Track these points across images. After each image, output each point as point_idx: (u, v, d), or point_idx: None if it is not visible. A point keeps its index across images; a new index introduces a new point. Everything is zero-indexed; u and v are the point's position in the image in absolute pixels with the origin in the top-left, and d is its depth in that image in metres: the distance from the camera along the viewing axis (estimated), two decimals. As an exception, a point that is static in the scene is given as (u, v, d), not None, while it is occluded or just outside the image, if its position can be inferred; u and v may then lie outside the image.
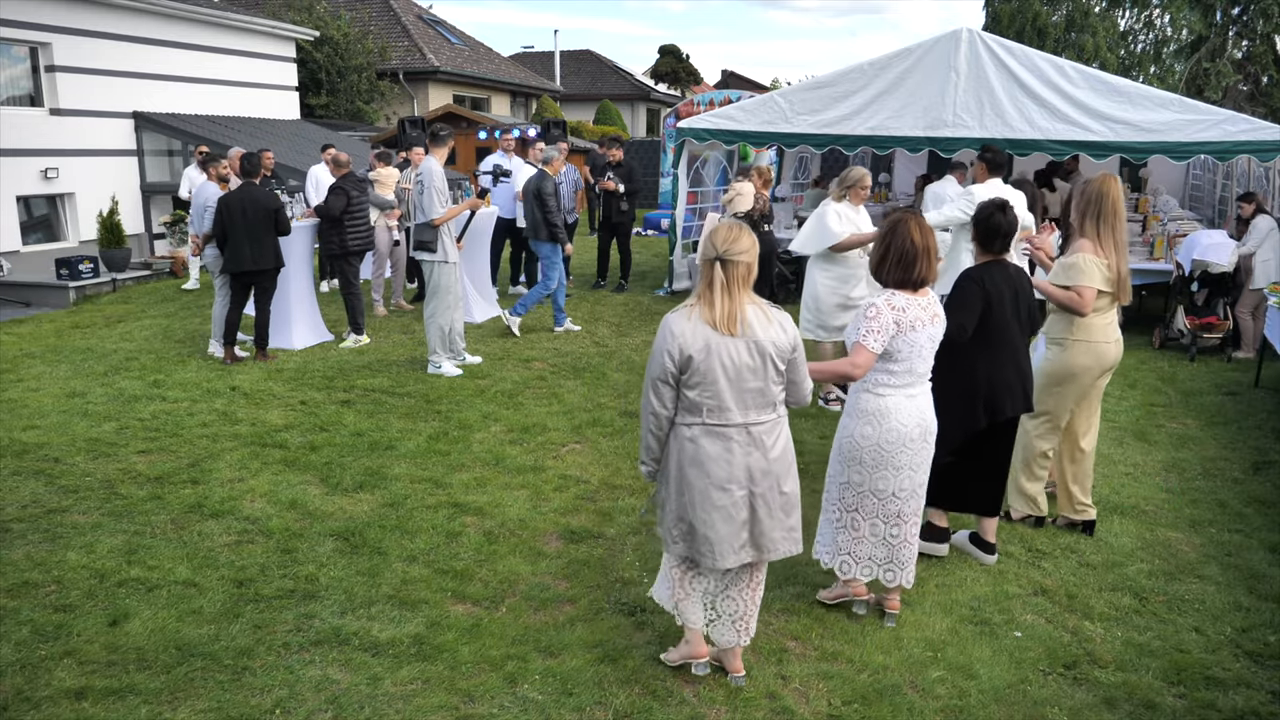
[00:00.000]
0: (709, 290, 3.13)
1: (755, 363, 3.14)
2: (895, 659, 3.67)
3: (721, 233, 3.16)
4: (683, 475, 3.24)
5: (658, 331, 3.17)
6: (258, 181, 7.87)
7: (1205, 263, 8.49)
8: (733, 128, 10.46)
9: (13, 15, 12.09)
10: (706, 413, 3.16)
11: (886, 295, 3.65)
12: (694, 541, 3.27)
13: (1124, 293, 4.52)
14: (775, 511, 3.28)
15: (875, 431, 3.71)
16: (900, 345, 3.62)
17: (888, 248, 3.65)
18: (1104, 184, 4.49)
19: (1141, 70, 28.74)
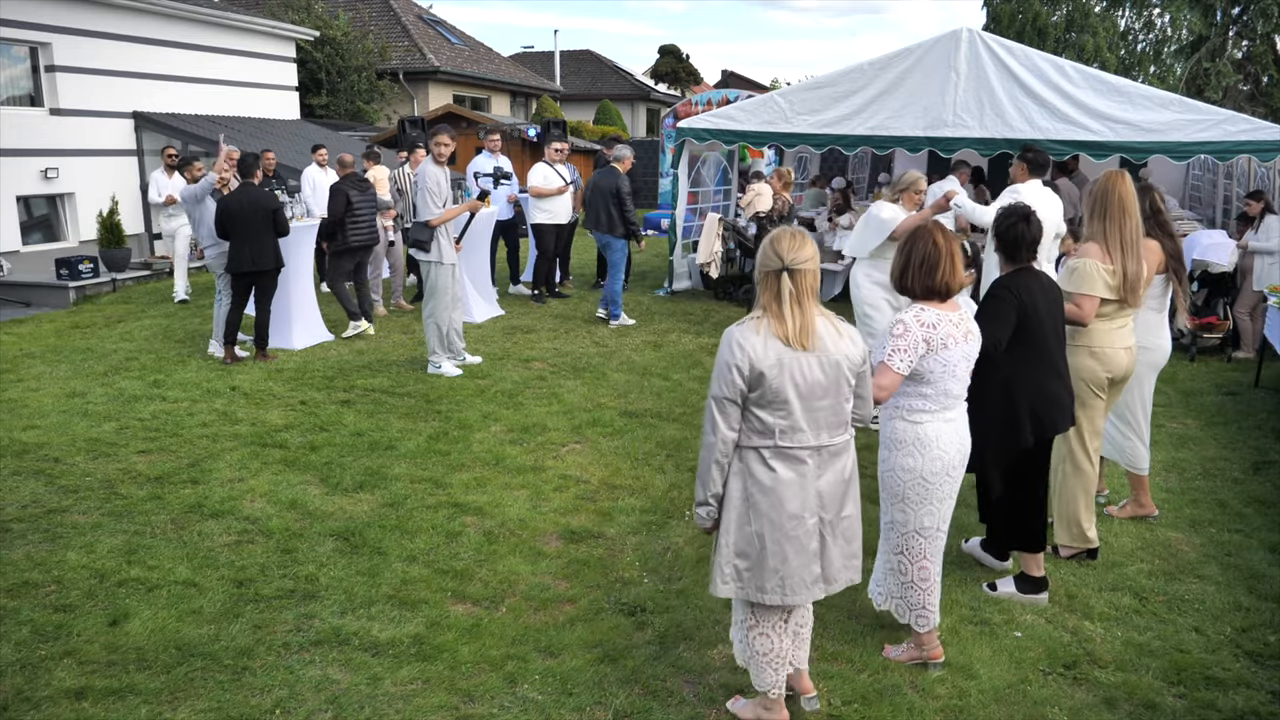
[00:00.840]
0: (777, 303, 2.89)
1: (828, 379, 2.91)
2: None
3: (785, 240, 2.91)
4: (750, 504, 2.96)
5: (721, 346, 2.92)
6: (256, 182, 7.88)
7: (1205, 263, 8.49)
8: (732, 128, 10.47)
9: (13, 15, 12.09)
10: (779, 434, 2.91)
11: (915, 311, 3.37)
12: (760, 578, 2.98)
13: (1133, 297, 4.21)
14: (839, 538, 3.05)
15: (918, 463, 3.43)
16: (932, 365, 3.35)
17: (909, 254, 3.39)
18: (1110, 181, 4.24)
19: (1141, 70, 28.75)
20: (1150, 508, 5.05)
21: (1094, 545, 4.48)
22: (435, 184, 7.38)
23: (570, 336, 9.15)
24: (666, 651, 3.70)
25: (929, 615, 3.58)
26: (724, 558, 3.00)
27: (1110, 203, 4.22)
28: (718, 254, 11.23)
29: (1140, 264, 4.24)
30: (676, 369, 7.98)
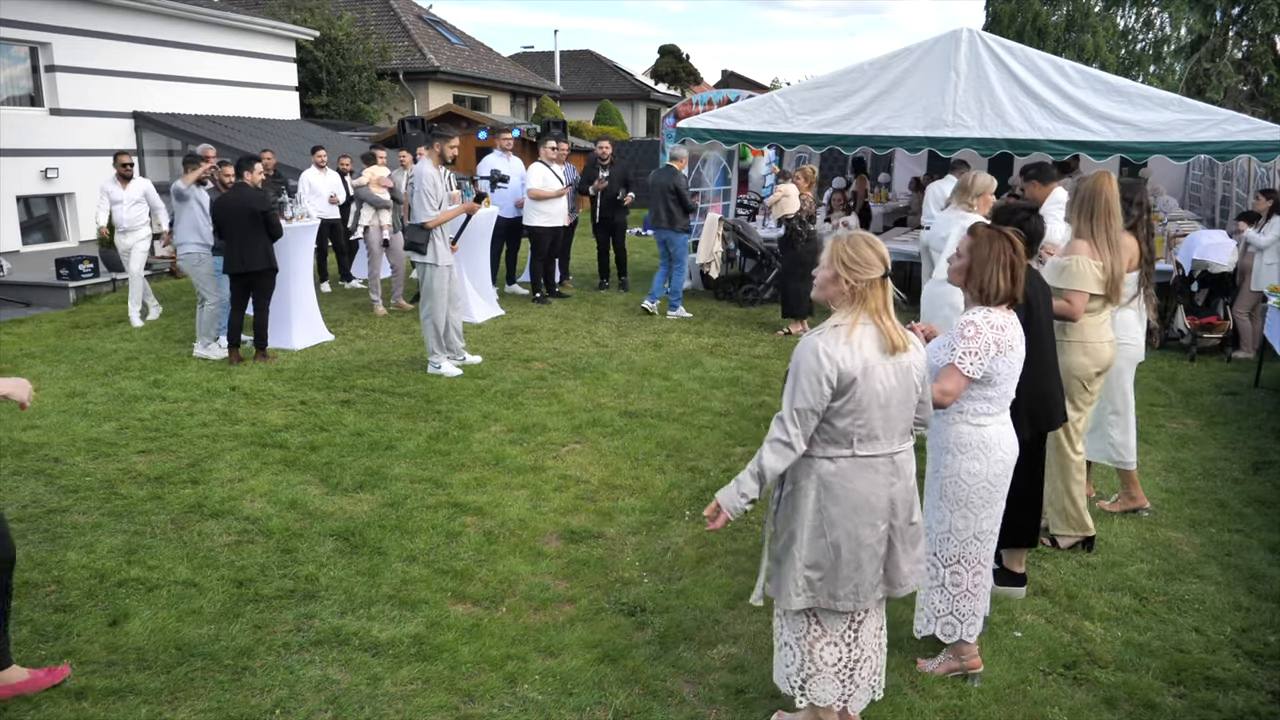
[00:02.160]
0: (885, 309, 2.83)
1: (902, 386, 2.87)
2: (895, 659, 3.67)
3: (880, 246, 2.84)
4: (824, 515, 2.90)
5: (800, 357, 2.82)
6: (251, 183, 7.87)
7: (1205, 263, 8.49)
8: (732, 128, 10.47)
9: (13, 15, 12.10)
10: (857, 443, 2.86)
11: (983, 312, 3.31)
12: (834, 586, 2.92)
13: (1116, 294, 4.37)
14: (907, 544, 3.00)
15: (983, 466, 3.38)
16: (999, 368, 3.30)
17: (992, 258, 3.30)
18: (1097, 182, 4.36)
19: (1141, 70, 28.74)
20: (1142, 500, 5.12)
21: (1092, 533, 4.59)
22: (432, 185, 7.37)
23: (570, 336, 9.15)
24: (666, 651, 3.70)
25: (978, 622, 3.53)
26: (796, 570, 2.93)
27: (1098, 203, 4.34)
28: (718, 254, 11.23)
29: (1123, 262, 4.38)
30: (676, 369, 7.98)
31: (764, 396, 7.17)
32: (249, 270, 7.76)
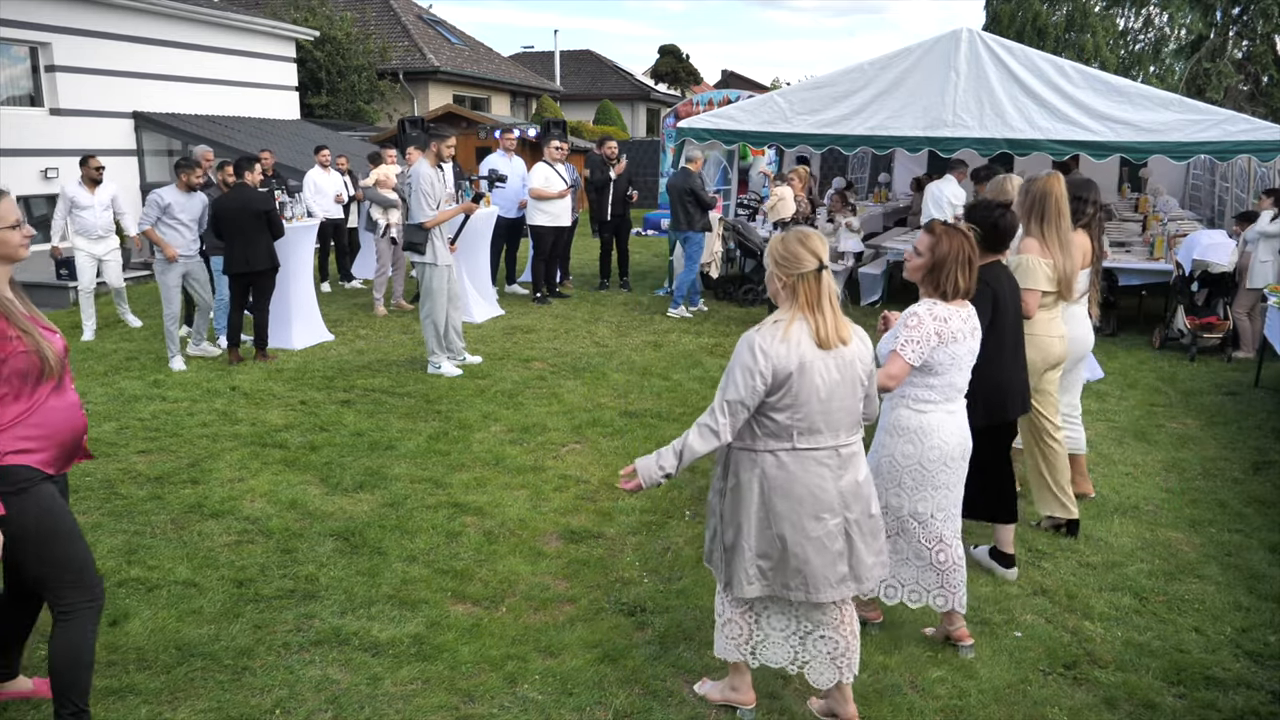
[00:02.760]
0: (818, 302, 2.89)
1: (845, 380, 2.93)
2: (895, 659, 3.67)
3: (815, 240, 2.90)
4: (768, 506, 2.97)
5: (738, 351, 2.89)
6: (251, 183, 7.86)
7: (1205, 263, 8.49)
8: (733, 128, 10.47)
9: (13, 15, 12.10)
10: (796, 436, 2.92)
11: (928, 304, 3.46)
12: (784, 575, 3.01)
13: (1067, 290, 4.48)
14: (868, 537, 3.07)
15: (917, 450, 3.53)
16: (942, 358, 3.44)
17: (946, 253, 3.43)
18: (1047, 183, 4.47)
19: (1141, 70, 28.75)
20: (1089, 488, 5.29)
21: (1075, 516, 4.76)
22: (430, 185, 7.37)
23: (570, 336, 9.15)
24: (666, 651, 3.70)
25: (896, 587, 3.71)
26: (747, 560, 3.01)
27: (1049, 204, 4.46)
28: (718, 254, 11.24)
29: (1073, 259, 4.51)
30: (676, 369, 7.98)
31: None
32: (253, 270, 7.76)
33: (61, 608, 2.95)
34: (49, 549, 2.90)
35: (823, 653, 3.17)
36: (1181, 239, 9.16)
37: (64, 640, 2.95)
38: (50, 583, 2.94)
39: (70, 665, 2.96)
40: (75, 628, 2.96)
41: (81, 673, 2.99)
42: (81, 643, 2.97)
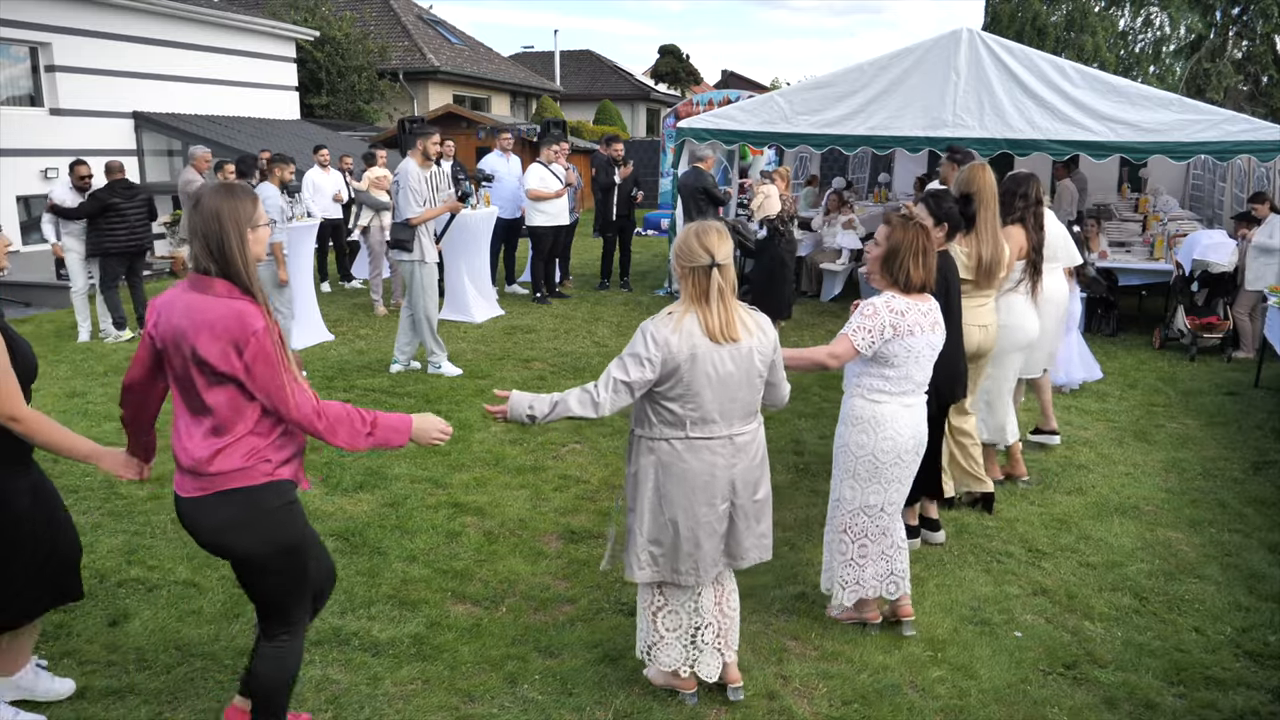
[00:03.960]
0: (705, 297, 2.94)
1: (740, 371, 2.98)
2: (895, 659, 3.67)
3: (713, 235, 2.98)
4: (662, 493, 3.04)
5: (635, 338, 2.96)
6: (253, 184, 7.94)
7: (1205, 263, 8.49)
8: (733, 128, 10.47)
9: (13, 15, 12.10)
10: (690, 425, 2.98)
11: (885, 297, 3.53)
12: (675, 561, 3.09)
13: (986, 279, 4.54)
14: (750, 520, 3.15)
15: (870, 440, 3.58)
16: (897, 350, 3.49)
17: (899, 245, 3.51)
18: (972, 173, 4.61)
19: (1141, 70, 28.74)
20: (1022, 470, 5.47)
21: (989, 489, 4.98)
22: (416, 182, 7.40)
23: (570, 336, 9.15)
24: (666, 651, 3.69)
25: (860, 590, 3.75)
26: (639, 545, 3.09)
27: (970, 193, 4.54)
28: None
29: (997, 249, 4.57)
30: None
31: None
32: None
33: (282, 630, 2.84)
34: (301, 560, 2.81)
35: (708, 645, 3.28)
36: (1181, 239, 9.16)
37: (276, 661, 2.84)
38: (285, 604, 2.83)
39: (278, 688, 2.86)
40: (291, 646, 2.85)
41: (284, 694, 2.89)
42: (292, 664, 2.88)
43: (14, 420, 2.85)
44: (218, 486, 2.61)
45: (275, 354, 2.56)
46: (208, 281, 2.59)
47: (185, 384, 2.61)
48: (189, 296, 2.60)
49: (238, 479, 2.62)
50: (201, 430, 2.62)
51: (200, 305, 2.56)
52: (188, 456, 2.63)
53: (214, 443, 2.60)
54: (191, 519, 2.68)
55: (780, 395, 3.20)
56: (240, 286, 2.60)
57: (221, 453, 2.60)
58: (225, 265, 2.59)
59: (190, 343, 2.54)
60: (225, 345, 2.52)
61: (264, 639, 2.86)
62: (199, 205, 2.60)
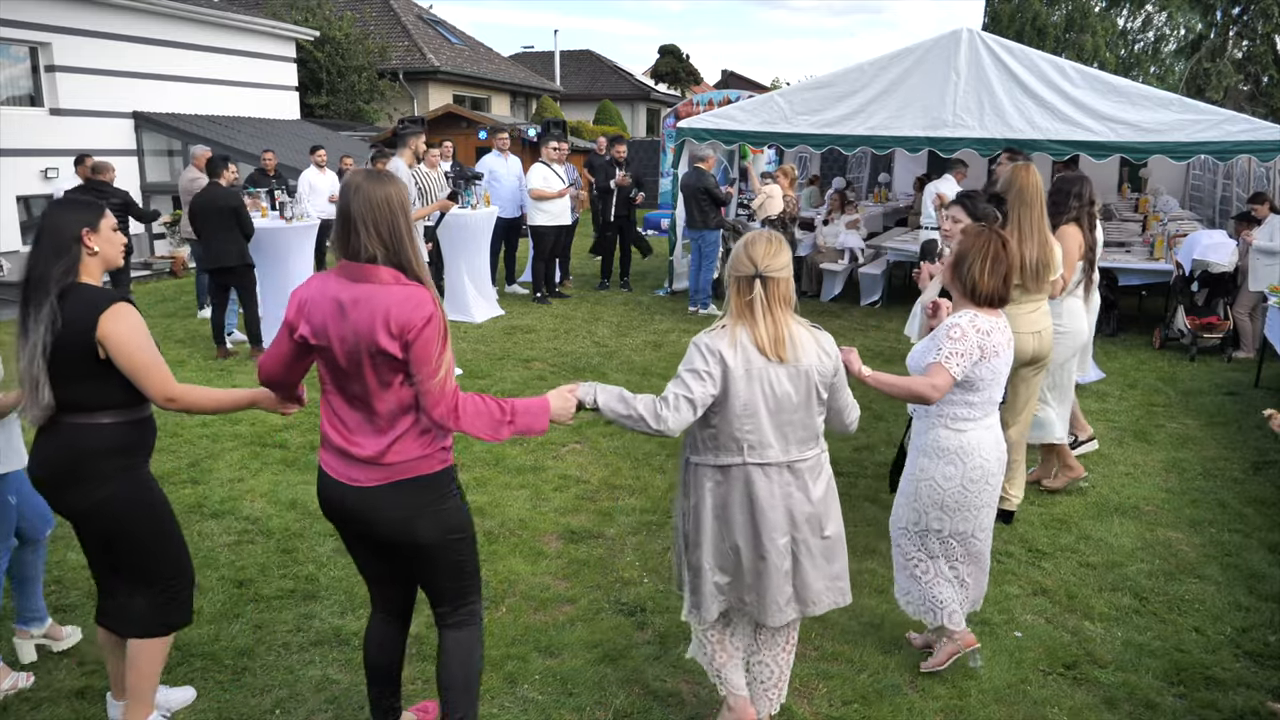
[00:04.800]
0: (749, 311, 2.77)
1: (798, 391, 2.77)
2: (895, 659, 3.67)
3: (760, 245, 2.78)
4: (723, 520, 2.86)
5: (688, 352, 2.83)
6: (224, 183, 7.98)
7: (1205, 263, 8.49)
8: (733, 128, 10.47)
9: (13, 15, 12.10)
10: (747, 449, 2.79)
11: (969, 316, 3.31)
12: (739, 590, 2.90)
13: (1034, 283, 4.40)
14: (818, 559, 2.89)
15: (959, 471, 3.36)
16: (984, 373, 3.29)
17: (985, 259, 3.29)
18: (1015, 173, 4.50)
19: (1141, 70, 28.76)
20: (1078, 469, 5.34)
21: (1009, 509, 4.78)
22: (407, 178, 7.44)
23: (570, 336, 9.15)
24: (666, 651, 3.70)
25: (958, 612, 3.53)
26: (706, 580, 2.91)
27: (1011, 194, 4.43)
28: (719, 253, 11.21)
29: (1045, 250, 4.43)
30: (676, 369, 7.97)
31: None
32: (222, 266, 7.89)
33: (463, 613, 2.82)
34: (474, 541, 2.81)
35: (758, 679, 3.10)
36: (1181, 239, 9.15)
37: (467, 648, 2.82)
38: (465, 587, 2.81)
39: (473, 675, 2.84)
40: (476, 631, 2.85)
41: (478, 681, 2.88)
42: (479, 648, 2.87)
43: (171, 400, 2.80)
44: (400, 475, 2.57)
45: (435, 345, 2.48)
46: (371, 270, 2.50)
47: (354, 375, 2.53)
48: (356, 288, 2.50)
49: (419, 467, 2.59)
50: (375, 419, 2.56)
51: (373, 295, 2.48)
52: (360, 448, 2.56)
53: (390, 431, 2.55)
54: (369, 508, 2.60)
55: (845, 421, 2.98)
56: (409, 273, 2.53)
57: (400, 440, 2.56)
58: (397, 252, 2.51)
59: (369, 335, 2.46)
60: (399, 332, 2.45)
61: (446, 628, 2.82)
62: (358, 192, 2.51)
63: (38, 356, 2.66)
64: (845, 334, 9.32)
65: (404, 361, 2.47)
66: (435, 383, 2.49)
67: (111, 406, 2.79)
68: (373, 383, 2.52)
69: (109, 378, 2.75)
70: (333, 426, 2.62)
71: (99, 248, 2.82)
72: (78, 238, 2.77)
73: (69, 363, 2.70)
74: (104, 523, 2.85)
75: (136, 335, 2.77)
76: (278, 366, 2.71)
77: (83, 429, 2.78)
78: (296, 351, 2.64)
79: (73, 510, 2.85)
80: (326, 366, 2.60)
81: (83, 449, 2.78)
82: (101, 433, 2.79)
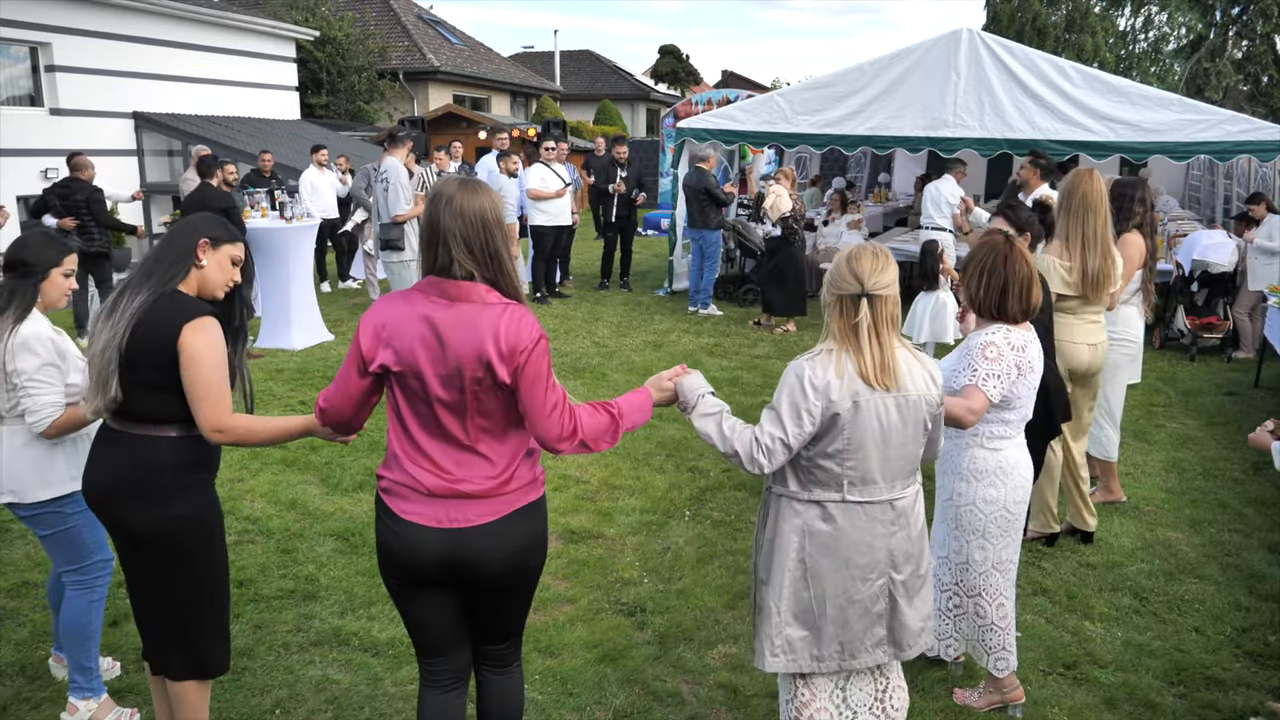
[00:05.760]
0: (853, 335, 2.47)
1: (906, 424, 2.52)
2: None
3: (866, 260, 2.49)
4: (808, 564, 2.57)
5: (785, 382, 2.51)
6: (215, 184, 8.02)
7: (1205, 263, 8.49)
8: (733, 128, 10.47)
9: (13, 15, 12.09)
10: (848, 486, 2.52)
11: (1003, 333, 3.11)
12: (817, 645, 2.61)
13: (1094, 293, 4.25)
14: (915, 599, 2.66)
15: (1000, 492, 3.18)
16: (1021, 390, 3.12)
17: (1007, 278, 3.09)
18: (1076, 179, 4.31)
19: (1141, 70, 28.76)
20: (1119, 493, 5.25)
21: (1056, 531, 4.64)
22: (405, 176, 7.44)
23: (570, 336, 9.15)
24: (666, 651, 3.70)
25: (1008, 657, 3.29)
26: (773, 626, 2.61)
27: (1074, 200, 4.27)
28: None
29: (1107, 260, 4.26)
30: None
31: (764, 396, 7.17)
32: None
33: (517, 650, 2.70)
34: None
35: None
36: (1181, 239, 9.16)
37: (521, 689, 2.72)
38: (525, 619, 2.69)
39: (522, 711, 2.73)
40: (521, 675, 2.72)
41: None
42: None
43: (220, 431, 2.61)
44: (516, 504, 2.40)
45: (547, 365, 2.32)
46: (468, 288, 2.30)
47: (449, 404, 2.30)
48: (453, 308, 2.29)
49: (530, 493, 2.44)
50: (473, 450, 2.35)
51: (476, 316, 2.28)
52: (469, 483, 2.34)
53: (499, 460, 2.37)
54: (485, 547, 2.37)
55: (934, 453, 2.74)
56: (509, 292, 2.34)
57: (512, 468, 2.38)
58: (496, 269, 2.32)
59: (474, 359, 2.26)
60: (509, 354, 2.26)
61: (495, 669, 2.65)
62: (450, 204, 2.30)
63: (113, 348, 2.54)
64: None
65: (510, 385, 2.29)
66: (550, 404, 2.32)
67: (179, 420, 2.64)
68: (473, 409, 2.31)
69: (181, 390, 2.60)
70: (421, 468, 2.35)
71: (207, 263, 2.69)
72: (195, 247, 2.67)
73: (145, 369, 2.56)
74: (161, 544, 2.67)
75: (213, 354, 2.59)
76: (348, 406, 2.42)
77: (149, 441, 2.64)
78: (372, 386, 2.38)
79: (131, 530, 2.66)
80: (407, 398, 2.34)
81: (151, 463, 2.63)
82: (170, 446, 2.65)
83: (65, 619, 3.17)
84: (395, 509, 2.38)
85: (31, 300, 3.03)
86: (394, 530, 2.38)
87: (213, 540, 2.80)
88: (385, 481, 2.41)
